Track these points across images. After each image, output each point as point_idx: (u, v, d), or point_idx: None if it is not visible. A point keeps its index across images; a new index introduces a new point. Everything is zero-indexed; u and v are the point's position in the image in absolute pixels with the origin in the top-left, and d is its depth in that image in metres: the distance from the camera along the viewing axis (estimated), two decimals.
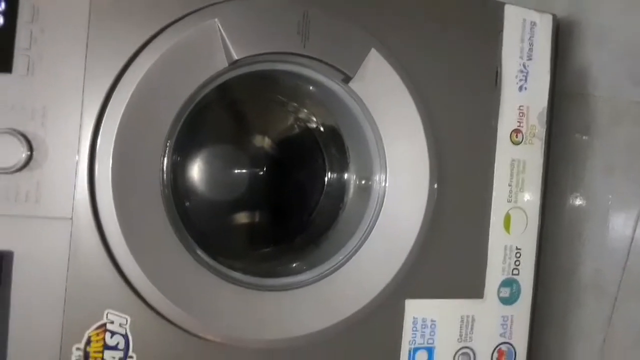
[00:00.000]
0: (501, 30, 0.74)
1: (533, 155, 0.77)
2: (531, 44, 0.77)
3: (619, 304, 0.72)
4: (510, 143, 0.76)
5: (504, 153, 0.75)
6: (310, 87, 0.73)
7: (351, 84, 0.66)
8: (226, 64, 0.60)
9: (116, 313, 0.57)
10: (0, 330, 0.54)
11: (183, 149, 0.74)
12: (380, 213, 0.69)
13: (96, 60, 0.56)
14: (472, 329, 0.74)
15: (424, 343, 0.72)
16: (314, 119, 0.83)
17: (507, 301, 0.76)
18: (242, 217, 0.84)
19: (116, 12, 0.56)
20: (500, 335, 0.76)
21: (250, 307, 0.63)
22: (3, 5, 0.53)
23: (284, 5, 0.62)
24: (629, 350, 0.70)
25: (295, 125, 0.85)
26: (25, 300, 0.55)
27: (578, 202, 0.79)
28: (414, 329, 0.71)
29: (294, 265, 0.71)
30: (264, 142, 0.85)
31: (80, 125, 0.55)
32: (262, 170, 0.84)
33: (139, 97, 0.56)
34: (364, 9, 0.67)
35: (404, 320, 0.70)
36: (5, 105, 0.53)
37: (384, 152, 0.69)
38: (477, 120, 0.74)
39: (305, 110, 0.83)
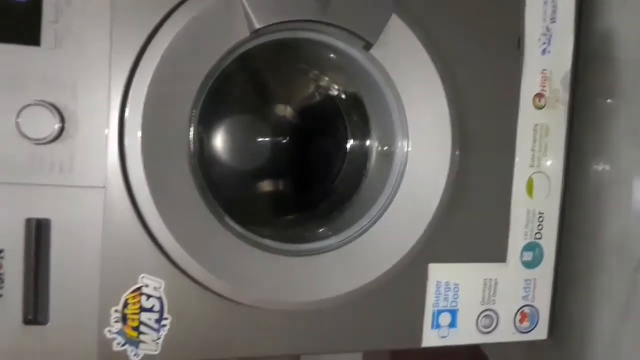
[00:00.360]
0: None
1: (556, 119, 0.76)
2: (554, 6, 0.75)
3: None
4: (533, 107, 0.75)
5: (527, 118, 0.75)
6: (331, 55, 0.73)
7: (372, 51, 0.66)
8: (248, 33, 0.60)
9: (150, 277, 0.60)
10: (42, 293, 0.57)
11: (207, 119, 0.75)
12: (403, 179, 0.70)
13: (121, 32, 0.57)
14: (494, 292, 0.75)
15: (447, 306, 0.73)
16: (335, 87, 0.84)
17: (529, 265, 0.77)
18: (266, 185, 0.85)
19: None
20: (523, 298, 0.77)
21: (278, 271, 0.64)
22: None
23: None
24: None
25: (317, 94, 0.85)
26: (64, 266, 0.57)
27: (602, 166, 0.79)
28: (437, 292, 0.73)
29: (320, 230, 0.73)
30: (286, 111, 0.86)
31: (109, 96, 0.57)
32: (285, 138, 0.85)
33: (164, 68, 0.57)
34: None
35: (427, 284, 0.72)
36: (36, 77, 0.55)
37: (406, 118, 0.69)
38: (499, 85, 0.73)
39: (327, 78, 0.83)
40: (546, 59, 0.76)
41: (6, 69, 0.54)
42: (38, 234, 0.56)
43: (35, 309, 0.57)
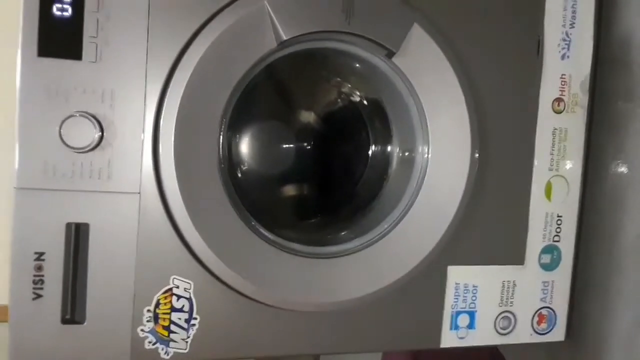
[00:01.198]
0: None
1: (575, 123, 0.78)
2: (574, 12, 0.77)
3: None
4: (552, 112, 0.77)
5: (546, 122, 0.76)
6: (355, 63, 0.75)
7: (394, 59, 0.68)
8: (275, 44, 0.63)
9: (181, 279, 0.63)
10: (80, 294, 0.60)
11: (236, 126, 0.78)
12: (423, 183, 0.72)
13: (157, 45, 0.60)
14: (512, 294, 0.77)
15: (465, 307, 0.75)
16: (358, 94, 0.86)
17: (547, 267, 0.78)
18: (290, 189, 0.87)
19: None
20: (541, 300, 0.78)
21: (302, 273, 0.67)
22: None
23: None
24: None
25: (340, 100, 0.88)
26: (100, 268, 0.60)
27: (620, 169, 0.80)
28: (456, 293, 0.75)
29: (342, 233, 0.75)
30: (310, 117, 0.88)
31: (145, 106, 0.60)
32: (309, 144, 0.88)
33: (196, 78, 0.60)
34: None
35: (447, 286, 0.74)
36: (78, 90, 0.58)
37: (427, 124, 0.71)
38: (519, 90, 0.75)
39: (350, 86, 0.85)
40: (565, 64, 0.77)
41: (50, 82, 0.57)
42: (77, 237, 0.59)
43: (73, 309, 0.60)
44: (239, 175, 0.81)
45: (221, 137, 0.63)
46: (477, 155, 0.71)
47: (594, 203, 0.82)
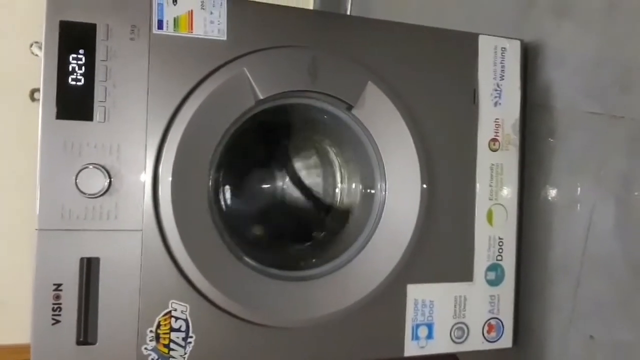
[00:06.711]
0: (476, 56, 0.89)
1: (509, 159, 0.91)
2: (503, 66, 0.91)
3: (582, 280, 0.86)
4: (489, 150, 0.90)
5: (484, 159, 0.89)
6: (321, 115, 0.88)
7: (353, 111, 0.82)
8: (253, 102, 0.75)
9: (178, 302, 0.73)
10: (92, 318, 0.70)
11: (222, 169, 0.90)
12: (383, 213, 0.84)
13: (154, 107, 0.71)
14: (464, 307, 0.88)
15: (424, 320, 0.86)
16: (326, 140, 0.99)
17: (493, 283, 0.90)
18: (270, 222, 0.99)
19: (168, 69, 0.72)
20: (489, 311, 0.90)
21: (282, 294, 0.78)
22: (83, 68, 0.69)
23: (297, 52, 0.78)
24: (592, 317, 0.84)
25: (312, 145, 1.00)
26: (110, 295, 0.70)
27: (549, 196, 0.93)
28: (416, 308, 0.85)
29: (315, 259, 0.86)
30: (286, 160, 1.00)
31: (146, 157, 0.71)
32: (286, 182, 1.00)
33: (188, 133, 0.72)
34: (361, 50, 0.82)
35: (407, 302, 0.85)
36: (90, 145, 0.69)
37: (383, 164, 0.84)
38: (459, 133, 0.88)
39: (318, 133, 0.98)
40: (498, 109, 0.91)
41: (67, 139, 0.68)
42: (89, 270, 0.69)
43: (86, 332, 0.69)
44: (226, 210, 0.93)
45: (210, 180, 0.75)
46: (425, 186, 0.84)
47: (529, 226, 0.95)
